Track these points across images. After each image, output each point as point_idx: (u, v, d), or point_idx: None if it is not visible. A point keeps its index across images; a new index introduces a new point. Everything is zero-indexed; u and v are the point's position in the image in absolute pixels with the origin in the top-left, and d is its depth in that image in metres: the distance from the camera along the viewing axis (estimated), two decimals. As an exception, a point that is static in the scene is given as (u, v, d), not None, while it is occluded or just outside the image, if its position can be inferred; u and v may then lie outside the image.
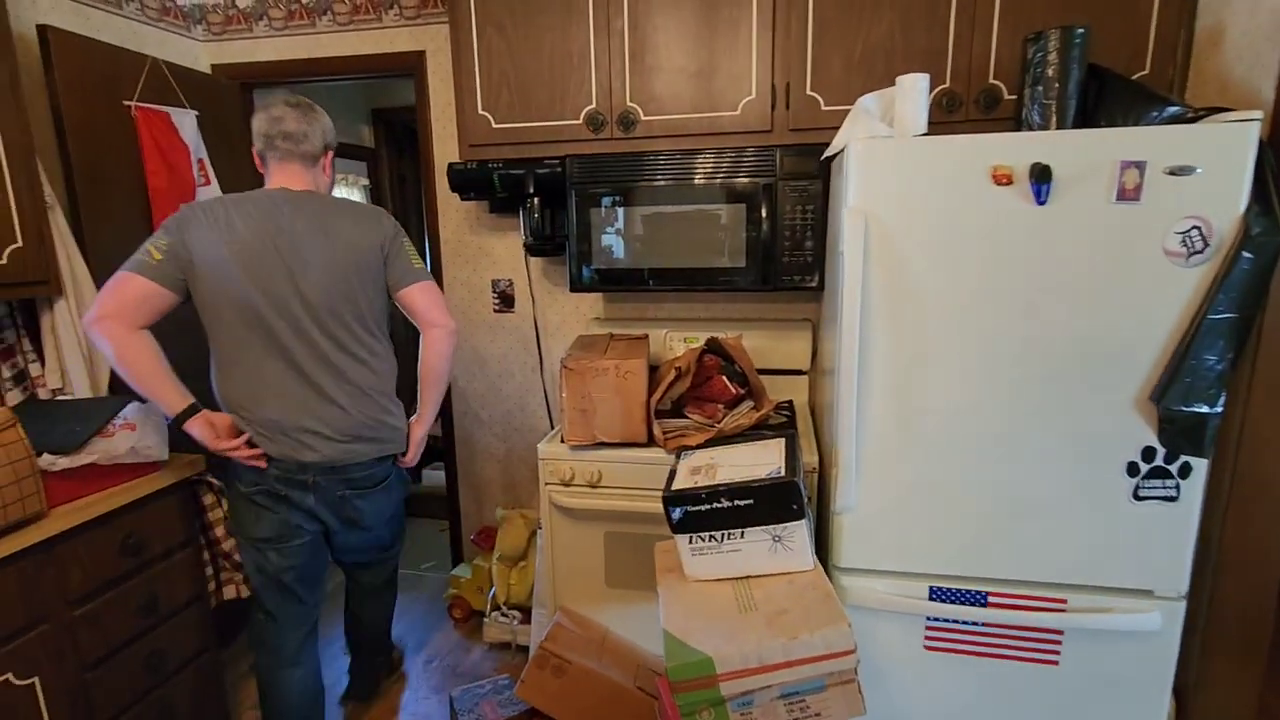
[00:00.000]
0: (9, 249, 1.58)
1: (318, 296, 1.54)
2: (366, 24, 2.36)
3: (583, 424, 1.79)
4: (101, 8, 2.11)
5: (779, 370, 2.18)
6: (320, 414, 1.57)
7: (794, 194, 1.83)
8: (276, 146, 1.60)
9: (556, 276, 2.41)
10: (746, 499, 1.37)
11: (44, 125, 1.84)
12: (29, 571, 1.35)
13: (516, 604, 2.39)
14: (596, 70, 1.90)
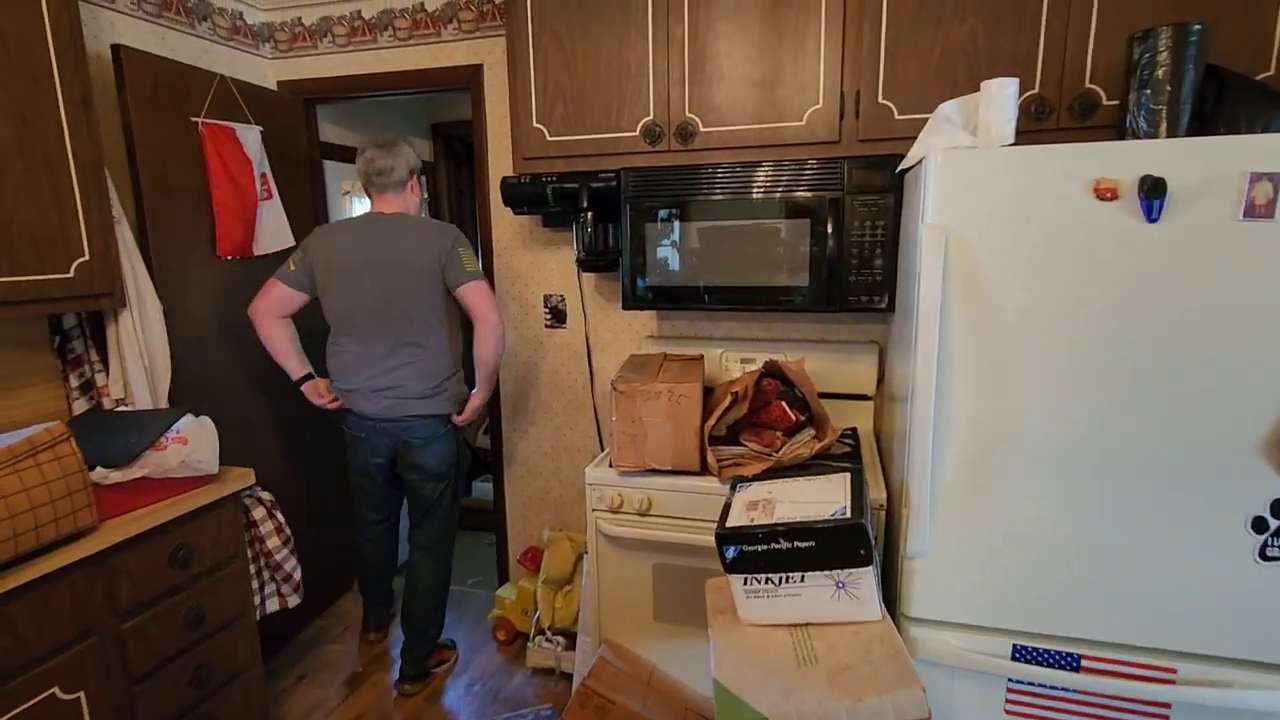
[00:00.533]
0: (76, 262, 1.62)
1: (381, 296, 1.99)
2: (426, 39, 2.36)
3: (633, 449, 1.70)
4: (176, 28, 2.17)
5: (842, 395, 2.06)
6: (381, 383, 2.04)
7: (863, 209, 1.72)
8: (373, 181, 2.03)
9: (609, 292, 2.34)
10: (807, 541, 1.26)
11: (115, 141, 1.89)
12: (79, 584, 1.35)
13: (561, 629, 2.32)
14: (654, 80, 1.84)
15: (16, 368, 1.75)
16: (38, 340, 1.79)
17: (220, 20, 2.32)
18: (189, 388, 2.03)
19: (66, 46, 1.58)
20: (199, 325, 2.11)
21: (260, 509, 1.81)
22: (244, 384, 2.29)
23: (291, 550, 1.87)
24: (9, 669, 1.25)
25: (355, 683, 2.33)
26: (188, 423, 1.60)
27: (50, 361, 1.82)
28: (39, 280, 1.54)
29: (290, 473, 2.48)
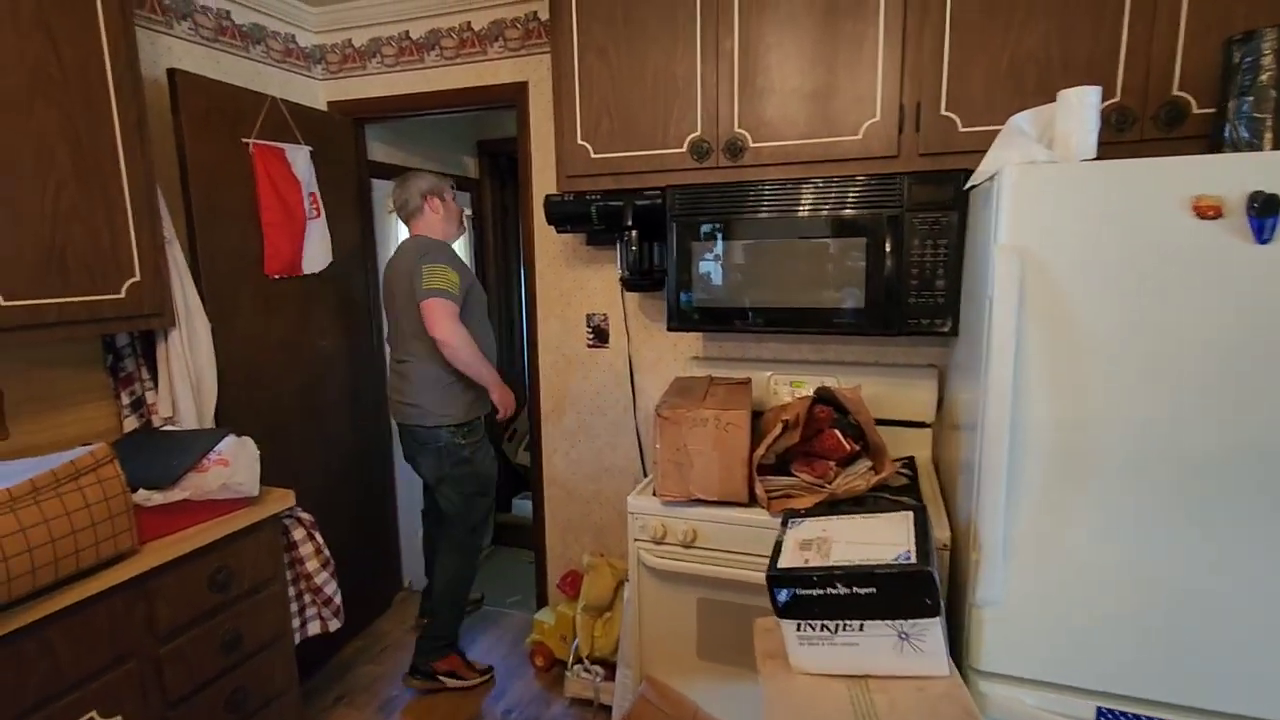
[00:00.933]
0: (128, 283, 1.64)
1: (392, 312, 2.28)
2: (471, 57, 2.36)
3: (677, 478, 1.63)
4: (231, 51, 2.22)
5: (897, 421, 1.94)
6: (398, 390, 2.29)
7: (924, 227, 1.62)
8: (399, 214, 2.33)
9: (653, 312, 2.28)
10: (868, 587, 1.17)
11: (169, 163, 1.92)
12: (118, 608, 1.34)
13: (600, 658, 2.25)
14: (702, 95, 1.78)
15: (70, 385, 1.78)
16: (91, 359, 1.82)
17: (274, 43, 2.36)
18: (234, 405, 2.04)
19: (123, 71, 1.61)
20: (245, 343, 2.13)
21: (300, 530, 1.80)
22: (287, 402, 2.31)
23: (332, 573, 1.85)
24: (48, 693, 1.24)
25: (392, 706, 2.30)
26: (229, 444, 1.60)
27: (103, 379, 1.85)
28: (91, 301, 1.56)
29: (329, 491, 2.47)
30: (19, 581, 1.14)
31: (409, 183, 2.26)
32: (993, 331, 1.17)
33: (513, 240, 3.74)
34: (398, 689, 2.38)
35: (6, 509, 1.13)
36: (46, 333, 1.49)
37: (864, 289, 1.69)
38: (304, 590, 1.84)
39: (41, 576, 1.17)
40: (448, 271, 2.15)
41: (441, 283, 2.12)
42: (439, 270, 2.14)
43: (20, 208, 1.42)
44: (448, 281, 2.13)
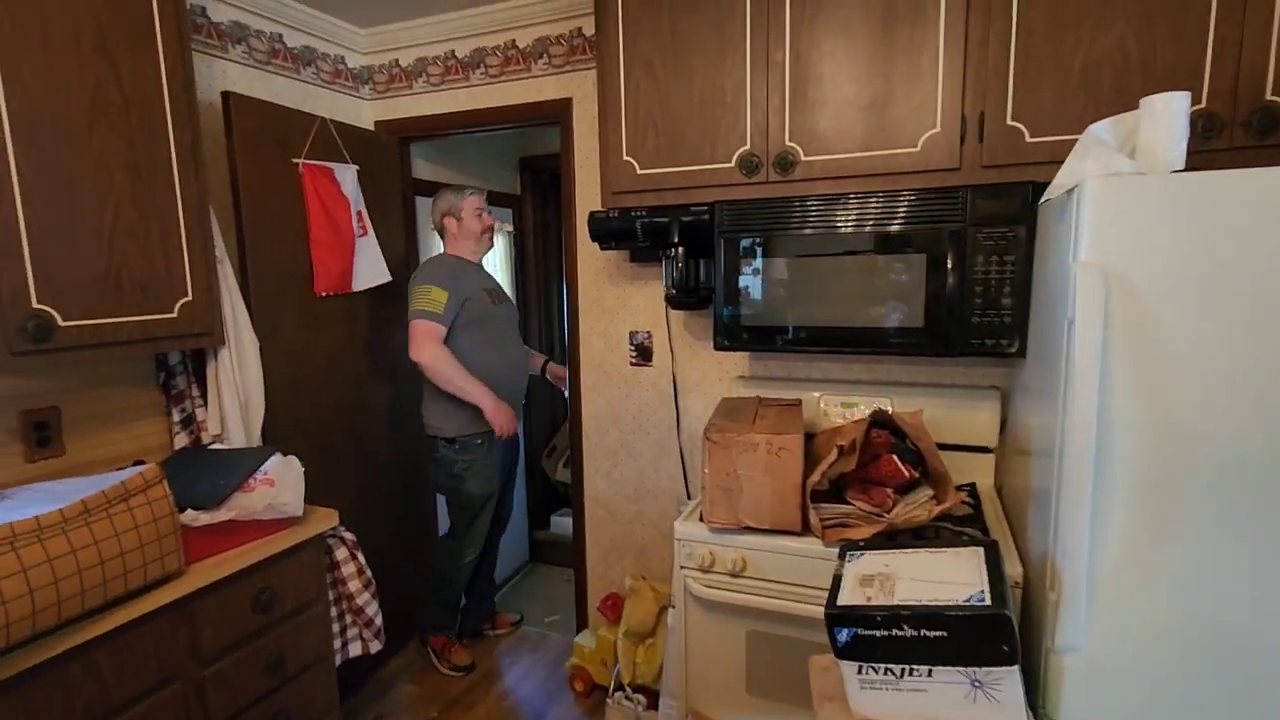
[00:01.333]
0: (180, 302, 1.65)
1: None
2: (516, 75, 2.36)
3: (726, 504, 1.57)
4: (283, 74, 2.26)
5: (956, 446, 1.84)
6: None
7: (988, 243, 1.53)
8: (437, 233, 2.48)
9: (698, 330, 2.23)
10: (938, 630, 1.08)
11: (222, 183, 1.96)
12: (164, 630, 1.34)
13: (642, 685, 2.18)
14: (752, 108, 1.73)
15: (125, 402, 1.80)
16: (145, 376, 1.85)
17: (324, 65, 2.40)
18: (280, 423, 2.06)
19: (179, 95, 1.63)
20: (291, 361, 2.14)
21: (342, 549, 1.79)
22: (331, 419, 2.31)
23: (373, 594, 1.83)
24: (94, 716, 1.24)
25: (431, 728, 2.27)
26: (275, 463, 1.59)
27: (155, 396, 1.88)
28: (145, 321, 1.58)
29: (371, 509, 2.47)
30: (69, 604, 1.13)
31: (435, 202, 2.42)
32: (1074, 354, 1.08)
33: (554, 256, 3.74)
34: (438, 709, 2.35)
35: (58, 531, 1.13)
36: (102, 352, 1.51)
37: (923, 307, 1.61)
38: (345, 611, 1.83)
39: (90, 599, 1.17)
40: (432, 292, 2.23)
41: (423, 304, 2.23)
42: (422, 291, 2.24)
43: (79, 229, 1.45)
44: (430, 302, 2.23)
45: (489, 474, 2.43)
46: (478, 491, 2.42)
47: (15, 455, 1.59)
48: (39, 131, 1.37)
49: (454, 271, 2.33)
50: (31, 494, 1.33)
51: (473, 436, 2.36)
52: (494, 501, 2.51)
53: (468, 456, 2.38)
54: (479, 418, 2.33)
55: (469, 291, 2.32)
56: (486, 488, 2.44)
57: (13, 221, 1.34)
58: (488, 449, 2.40)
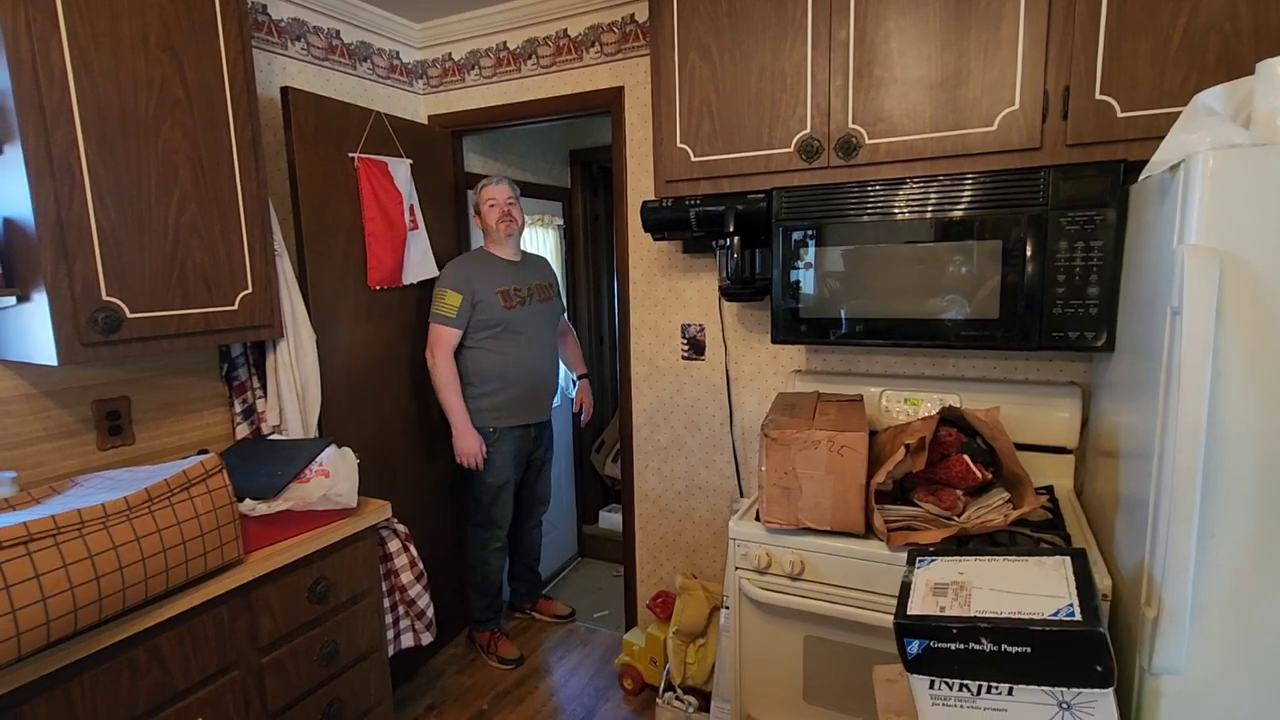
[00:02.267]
0: (241, 295, 1.68)
1: None
2: (568, 65, 2.33)
3: (784, 504, 1.50)
4: (339, 69, 2.28)
5: (1031, 446, 1.73)
6: None
7: (1072, 227, 1.42)
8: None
9: (752, 323, 2.16)
10: (1021, 645, 1.00)
11: (280, 177, 1.99)
12: (224, 618, 1.36)
13: (693, 687, 2.13)
14: (813, 90, 1.65)
15: (191, 393, 1.85)
16: (209, 367, 1.90)
17: (379, 60, 2.42)
18: (335, 414, 2.08)
19: (241, 91, 1.66)
20: (347, 353, 2.17)
21: (395, 541, 1.79)
22: (384, 411, 2.34)
23: (425, 586, 1.84)
24: (159, 701, 1.26)
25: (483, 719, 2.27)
26: (330, 454, 1.60)
27: (219, 387, 1.92)
28: (208, 313, 1.61)
29: (422, 500, 2.49)
30: (133, 590, 1.15)
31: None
32: (1180, 348, 0.98)
33: (604, 249, 3.71)
34: (488, 702, 2.36)
35: (123, 518, 1.15)
36: (167, 343, 1.54)
37: (998, 298, 1.51)
38: (398, 602, 1.84)
39: (154, 586, 1.19)
40: (446, 295, 2.28)
41: (437, 307, 2.30)
42: (438, 295, 2.30)
43: (146, 223, 1.48)
44: (444, 305, 2.28)
45: (499, 463, 2.44)
46: (488, 479, 2.44)
47: (89, 444, 1.65)
48: (108, 128, 1.41)
49: (470, 273, 2.33)
50: (101, 481, 1.37)
51: (483, 428, 2.38)
52: (509, 489, 2.51)
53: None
54: (488, 411, 2.38)
55: (482, 294, 2.31)
56: (497, 477, 2.45)
57: (84, 216, 1.38)
58: (497, 439, 2.42)
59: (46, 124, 1.31)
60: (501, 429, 2.41)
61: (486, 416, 2.38)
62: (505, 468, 2.46)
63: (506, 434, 2.43)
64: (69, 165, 1.35)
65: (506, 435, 2.43)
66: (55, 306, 1.34)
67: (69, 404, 1.60)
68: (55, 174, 1.33)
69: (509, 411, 2.41)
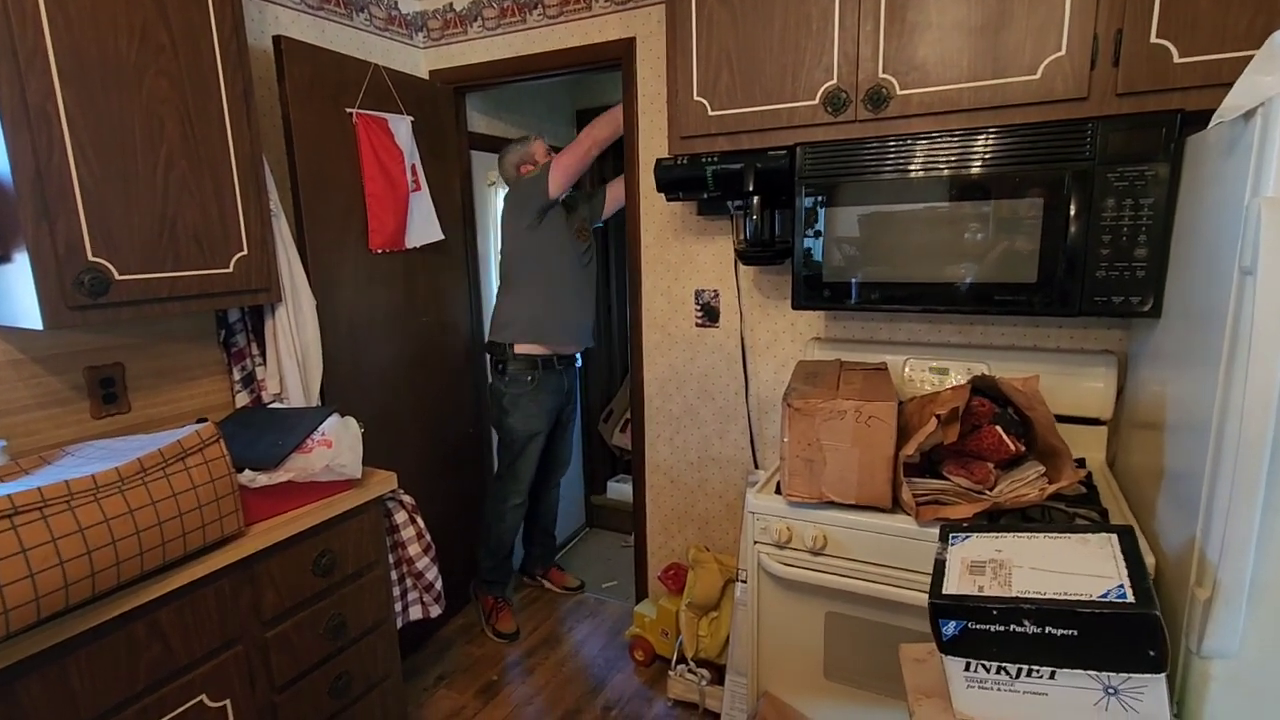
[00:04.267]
0: (236, 256, 1.60)
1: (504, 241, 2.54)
2: (576, 14, 2.20)
3: (807, 476, 1.44)
4: (335, 19, 2.16)
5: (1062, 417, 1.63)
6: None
7: (1121, 183, 1.32)
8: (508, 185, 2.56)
9: (770, 288, 2.07)
10: (1067, 628, 0.94)
11: (275, 134, 1.89)
12: (226, 592, 1.31)
13: (706, 659, 2.10)
14: (840, 37, 1.54)
15: (187, 360, 1.79)
16: (206, 333, 1.83)
17: (376, 10, 2.30)
18: (337, 382, 2.02)
19: (229, 39, 1.55)
20: (348, 319, 2.09)
21: (402, 513, 1.74)
22: (389, 378, 2.27)
23: (433, 558, 1.79)
24: (160, 676, 1.22)
25: (492, 691, 2.25)
26: (333, 424, 1.54)
27: (217, 354, 1.86)
28: (201, 276, 1.53)
29: (429, 470, 2.44)
30: (128, 565, 1.10)
31: (504, 158, 2.52)
32: (1254, 311, 0.90)
33: (612, 214, 3.60)
34: (498, 673, 2.34)
35: (114, 490, 1.09)
36: (160, 307, 1.47)
37: (1036, 260, 1.42)
38: (406, 574, 1.80)
39: (150, 560, 1.14)
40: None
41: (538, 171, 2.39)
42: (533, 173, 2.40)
43: (132, 181, 1.40)
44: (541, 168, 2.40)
45: (533, 411, 2.45)
46: (520, 428, 2.45)
47: (82, 412, 1.59)
48: (88, 76, 1.31)
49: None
50: (94, 451, 1.31)
51: (523, 370, 2.42)
52: (537, 443, 2.51)
53: (515, 390, 2.43)
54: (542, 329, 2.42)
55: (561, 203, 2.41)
56: (529, 425, 2.45)
57: (65, 171, 1.29)
58: (535, 386, 2.44)
59: (20, 69, 1.22)
60: (543, 375, 2.43)
61: (540, 341, 2.42)
62: (538, 416, 2.47)
63: (545, 381, 2.45)
64: (46, 115, 1.26)
65: (545, 383, 2.45)
66: (38, 267, 1.26)
67: (60, 370, 1.54)
68: (32, 124, 1.24)
69: (564, 332, 2.47)
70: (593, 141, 2.29)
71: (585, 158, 2.31)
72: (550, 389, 2.49)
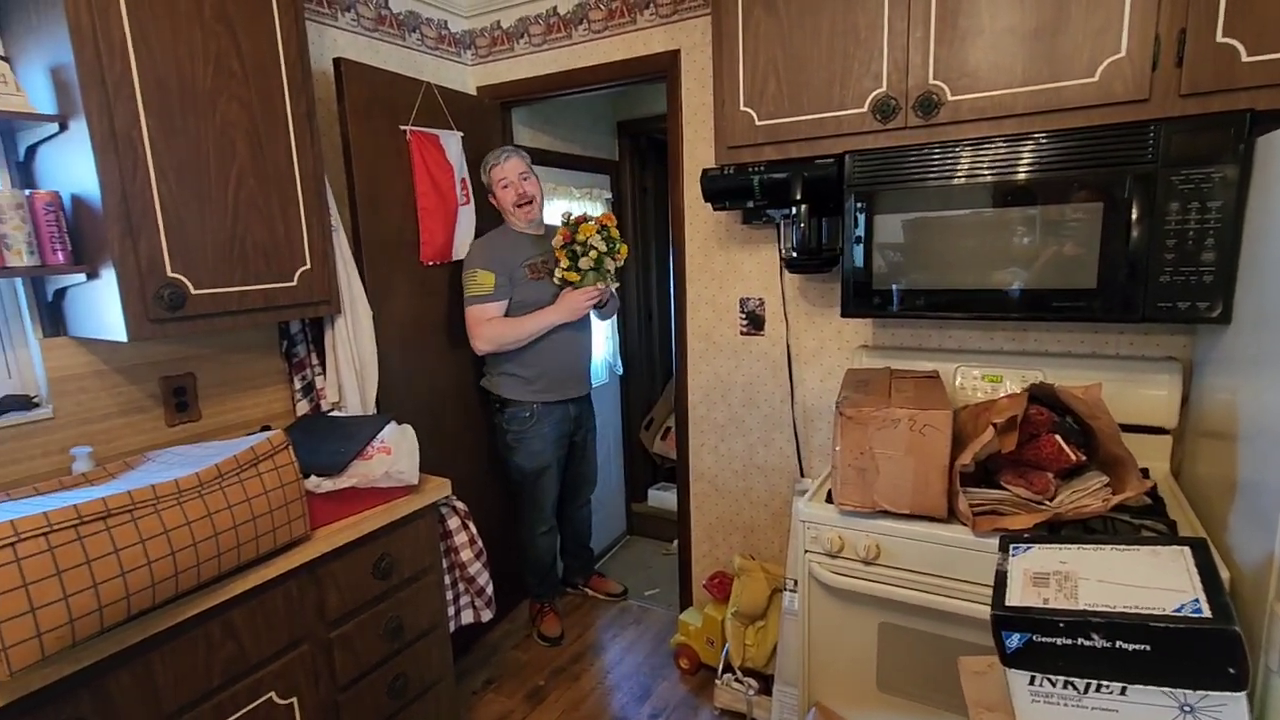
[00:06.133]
0: (299, 270, 1.67)
1: None
2: (621, 28, 2.24)
3: (859, 485, 1.43)
4: (388, 40, 2.24)
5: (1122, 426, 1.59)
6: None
7: (1186, 186, 1.29)
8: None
9: (815, 296, 2.07)
10: (1139, 642, 0.92)
11: (334, 152, 1.96)
12: (293, 593, 1.36)
13: (752, 669, 2.09)
14: (890, 44, 1.54)
15: (252, 369, 1.86)
16: (269, 344, 1.90)
17: (427, 30, 2.37)
18: (391, 391, 2.08)
19: (295, 62, 1.63)
20: (402, 329, 2.16)
21: (455, 519, 1.78)
22: (440, 386, 2.33)
23: (485, 563, 1.83)
24: (233, 673, 1.27)
25: (539, 695, 2.28)
26: (391, 431, 1.59)
27: (279, 364, 1.93)
28: (268, 289, 1.60)
29: (480, 476, 2.49)
30: (206, 565, 1.16)
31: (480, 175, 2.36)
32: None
33: (653, 223, 3.63)
34: (544, 678, 2.36)
35: (195, 494, 1.15)
36: (229, 320, 1.54)
37: (1096, 266, 1.39)
38: (458, 579, 1.84)
39: (225, 561, 1.19)
40: (477, 275, 2.21)
41: (471, 289, 2.22)
42: (469, 277, 2.22)
43: (206, 200, 1.47)
44: (477, 286, 2.21)
45: (536, 448, 2.37)
46: (526, 465, 2.39)
47: (158, 419, 1.67)
48: (168, 102, 1.39)
49: (494, 250, 2.24)
50: (171, 457, 1.38)
51: (520, 407, 2.33)
52: (550, 475, 2.45)
53: (515, 428, 2.36)
54: (528, 386, 2.31)
55: (510, 268, 2.22)
56: (534, 462, 2.39)
57: (148, 192, 1.37)
58: (535, 421, 2.35)
59: (109, 98, 1.30)
60: (541, 409, 2.35)
61: (527, 393, 2.32)
62: (543, 452, 2.39)
63: (546, 415, 2.37)
64: (131, 141, 1.34)
65: (546, 416, 2.37)
66: (123, 283, 1.34)
67: (138, 380, 1.62)
68: (119, 150, 1.32)
69: (550, 388, 2.35)
70: (528, 335, 2.22)
71: (521, 341, 2.23)
72: (553, 420, 2.39)
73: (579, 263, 2.19)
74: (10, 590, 0.91)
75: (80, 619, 0.98)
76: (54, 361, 1.49)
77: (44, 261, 1.34)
